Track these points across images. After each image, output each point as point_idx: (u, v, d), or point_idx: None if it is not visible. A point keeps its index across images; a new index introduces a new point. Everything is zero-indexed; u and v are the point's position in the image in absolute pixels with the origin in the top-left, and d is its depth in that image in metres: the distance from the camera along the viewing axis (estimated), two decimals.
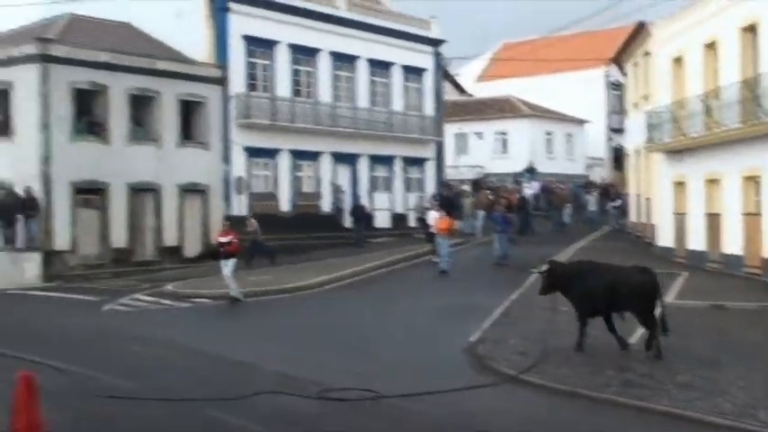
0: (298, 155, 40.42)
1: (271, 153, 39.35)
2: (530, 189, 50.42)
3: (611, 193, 49.02)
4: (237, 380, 13.96)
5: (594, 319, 15.81)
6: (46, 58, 31.80)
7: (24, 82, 32.04)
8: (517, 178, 55.10)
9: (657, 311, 15.39)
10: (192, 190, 36.01)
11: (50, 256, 31.60)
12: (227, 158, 37.41)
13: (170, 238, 35.09)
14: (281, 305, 24.10)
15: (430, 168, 47.33)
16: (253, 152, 38.52)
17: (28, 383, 5.72)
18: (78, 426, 11.30)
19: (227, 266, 24.59)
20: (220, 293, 25.58)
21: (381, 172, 44.88)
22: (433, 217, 32.37)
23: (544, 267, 16.37)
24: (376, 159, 44.29)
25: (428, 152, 47.26)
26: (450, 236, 31.37)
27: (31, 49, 32.19)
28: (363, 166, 43.75)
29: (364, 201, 42.15)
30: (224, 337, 18.57)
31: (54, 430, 10.74)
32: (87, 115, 33.38)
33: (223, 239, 25.04)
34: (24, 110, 32.07)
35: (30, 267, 30.99)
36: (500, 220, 32.62)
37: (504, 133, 60.39)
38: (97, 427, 11.37)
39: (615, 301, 15.51)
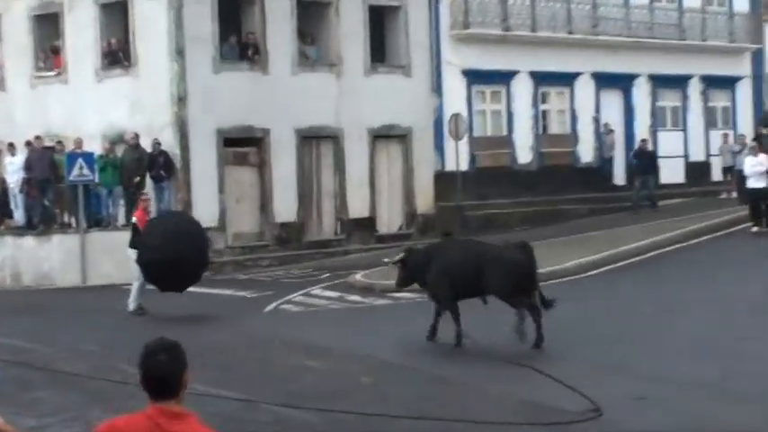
0: (542, 78, 40.19)
1: (502, 77, 39.30)
2: None
3: None
4: (453, 406, 14.00)
5: None
6: None
7: None
8: None
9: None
10: (387, 136, 36.43)
11: None
12: (437, 88, 37.64)
13: (357, 208, 35.62)
14: None
15: (744, 91, 46.05)
16: (476, 77, 38.60)
17: None
18: None
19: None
20: None
21: (669, 100, 44.12)
22: (751, 165, 31.82)
23: (398, 257, 19.16)
24: (661, 81, 43.51)
25: (741, 68, 46.01)
26: None
27: None
28: (642, 91, 43.06)
29: (648, 144, 41.22)
30: (433, 347, 18.69)
31: None
32: (236, 33, 34.26)
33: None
34: (149, 31, 33.15)
35: None
36: None
37: None
38: None
39: (481, 284, 17.84)
